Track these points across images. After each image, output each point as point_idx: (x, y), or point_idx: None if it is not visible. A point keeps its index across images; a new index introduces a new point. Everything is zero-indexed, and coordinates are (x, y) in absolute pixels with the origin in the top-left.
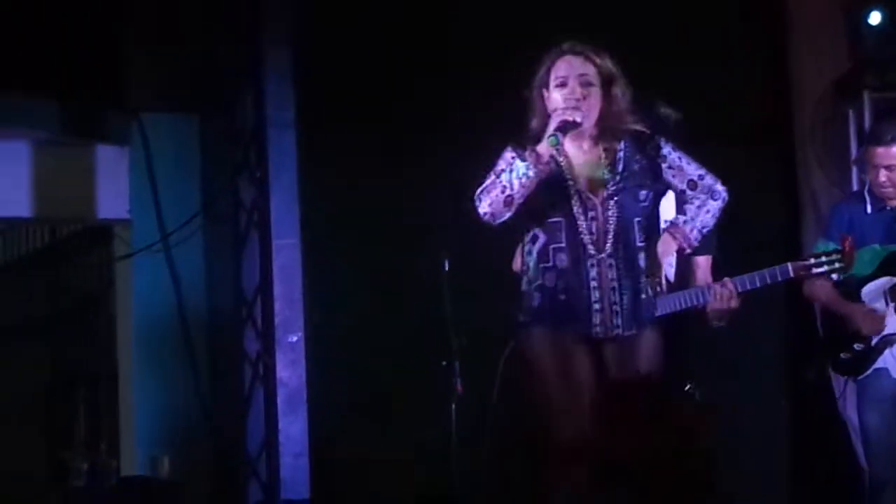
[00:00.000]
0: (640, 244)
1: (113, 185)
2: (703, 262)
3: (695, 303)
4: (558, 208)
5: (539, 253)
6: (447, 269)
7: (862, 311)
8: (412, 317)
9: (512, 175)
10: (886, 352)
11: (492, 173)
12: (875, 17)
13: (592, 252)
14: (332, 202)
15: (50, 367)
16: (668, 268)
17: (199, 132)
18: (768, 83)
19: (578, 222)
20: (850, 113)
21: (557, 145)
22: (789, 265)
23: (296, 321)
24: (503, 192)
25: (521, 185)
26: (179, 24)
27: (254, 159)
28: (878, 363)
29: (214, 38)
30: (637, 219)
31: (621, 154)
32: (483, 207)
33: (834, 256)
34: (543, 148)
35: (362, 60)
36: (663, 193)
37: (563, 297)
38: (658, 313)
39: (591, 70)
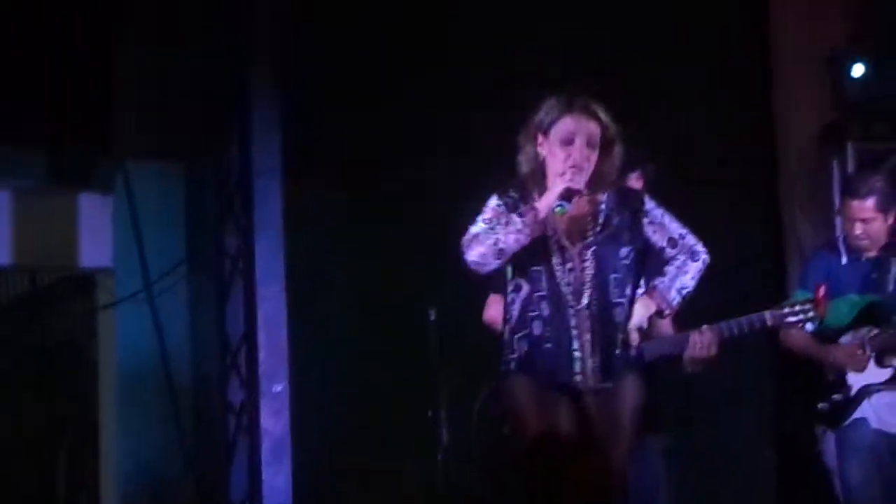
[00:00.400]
0: (616, 300)
1: (96, 234)
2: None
3: (672, 351)
4: (539, 258)
5: (524, 302)
6: (433, 318)
7: (843, 350)
8: (398, 366)
9: (508, 230)
10: (865, 402)
11: (479, 220)
12: (858, 69)
13: (572, 302)
14: (316, 251)
15: (31, 416)
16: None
17: (183, 180)
18: (754, 132)
19: (557, 272)
20: (834, 163)
21: (564, 214)
22: (766, 314)
23: (280, 371)
24: (496, 244)
25: (516, 241)
26: (164, 73)
27: (239, 208)
28: (857, 413)
29: (200, 86)
30: (614, 275)
31: (603, 207)
32: (472, 256)
33: (807, 306)
34: (544, 208)
35: (348, 110)
36: (645, 251)
37: (548, 345)
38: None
39: (597, 131)
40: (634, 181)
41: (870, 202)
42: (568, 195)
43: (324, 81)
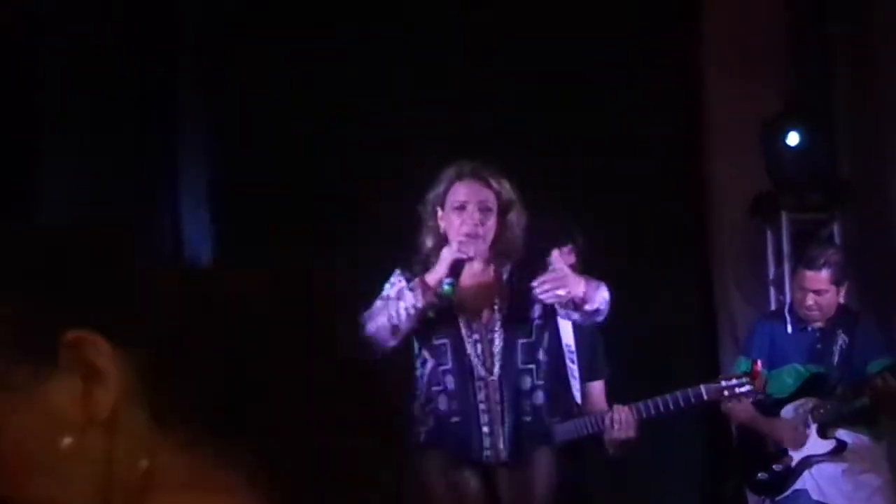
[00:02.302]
0: (524, 366)
1: None
2: (597, 388)
3: (591, 431)
4: (443, 330)
5: (429, 376)
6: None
7: (784, 425)
8: None
9: (399, 305)
10: (806, 473)
11: (379, 298)
12: (793, 138)
13: (482, 374)
14: None
15: None
16: (575, 392)
17: None
18: (684, 199)
19: (465, 344)
20: (768, 232)
21: (452, 294)
22: (702, 388)
23: None
24: (389, 320)
25: (409, 317)
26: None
27: None
28: (798, 485)
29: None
30: (522, 340)
31: (506, 275)
32: (370, 331)
33: (744, 379)
34: (433, 280)
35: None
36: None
37: (454, 419)
38: (557, 439)
39: (490, 197)
40: (566, 255)
41: (825, 274)
42: (457, 267)
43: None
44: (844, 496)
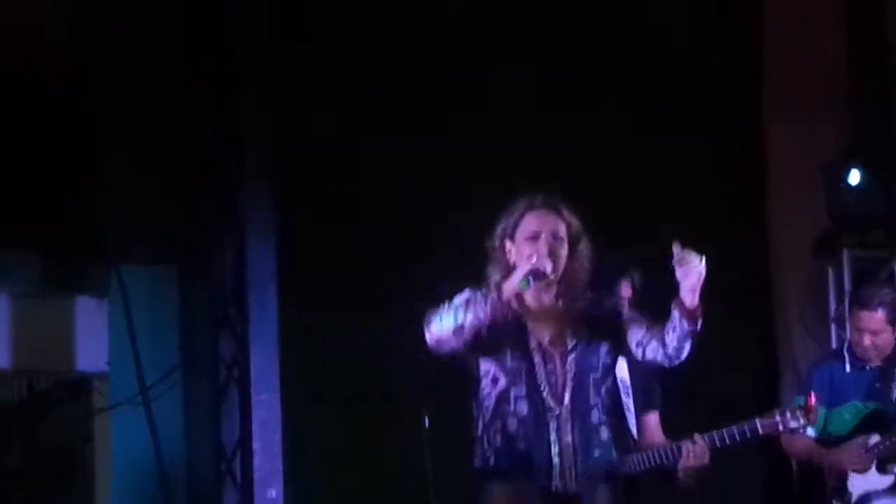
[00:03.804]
0: (594, 401)
1: (92, 337)
2: (652, 420)
3: (662, 461)
4: (519, 356)
5: (499, 396)
6: (427, 425)
7: (847, 452)
8: (392, 472)
9: (468, 306)
10: None
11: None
12: (854, 177)
13: (552, 405)
14: (312, 356)
15: None
16: (628, 413)
17: (178, 284)
18: (748, 240)
19: (538, 373)
20: (830, 270)
21: (527, 288)
22: (757, 421)
23: (275, 476)
24: (455, 320)
25: (475, 317)
26: (159, 177)
27: (234, 314)
28: None
29: (195, 190)
30: (593, 375)
31: (581, 308)
32: (430, 333)
33: (798, 413)
34: (509, 288)
35: (342, 214)
36: (619, 349)
37: (523, 446)
38: (626, 471)
39: (561, 227)
40: (623, 289)
41: (880, 314)
42: (535, 274)
43: (317, 186)
44: None
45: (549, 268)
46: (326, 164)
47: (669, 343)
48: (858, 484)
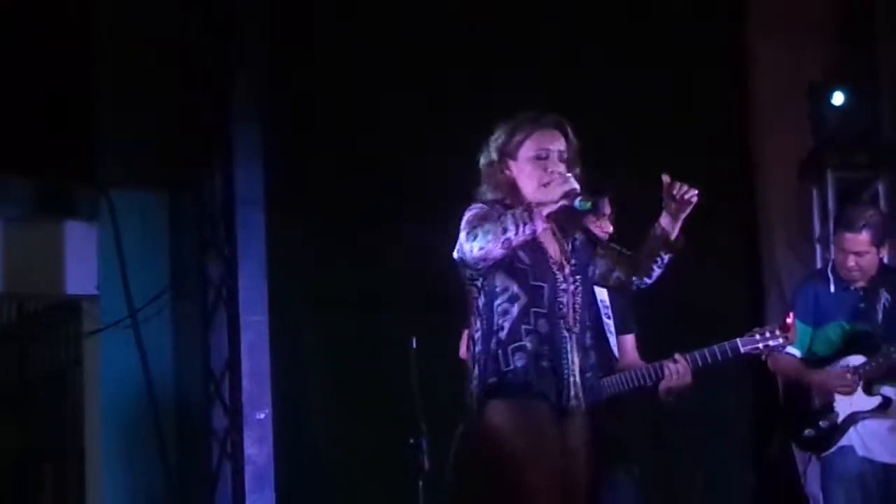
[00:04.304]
0: (588, 322)
1: (81, 261)
2: (630, 341)
3: (644, 382)
4: (540, 274)
5: (520, 314)
6: (415, 347)
7: (833, 374)
8: (380, 394)
9: (519, 221)
10: (852, 429)
11: (470, 222)
12: (838, 98)
13: (571, 324)
14: (300, 279)
15: (17, 444)
16: (610, 335)
17: (167, 209)
18: (732, 160)
19: (559, 291)
20: (814, 191)
21: (590, 209)
22: (738, 340)
23: (263, 398)
24: (504, 232)
25: (524, 234)
26: (149, 102)
27: (222, 237)
28: (844, 441)
29: (184, 115)
30: (588, 297)
31: (573, 230)
32: (476, 246)
33: (777, 331)
34: (554, 206)
35: (330, 139)
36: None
37: (545, 363)
38: (610, 392)
39: (566, 148)
40: (605, 207)
41: (864, 235)
42: (574, 194)
43: (306, 110)
44: (890, 452)
45: (577, 186)
46: (317, 88)
47: (643, 268)
48: (844, 405)
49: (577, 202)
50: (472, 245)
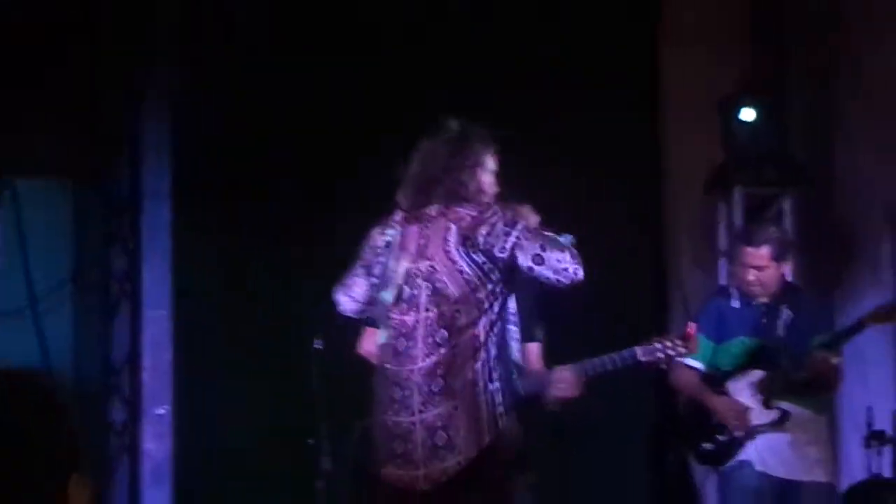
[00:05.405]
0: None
1: None
2: (534, 349)
3: (537, 389)
4: None
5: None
6: (318, 347)
7: (728, 405)
8: (282, 393)
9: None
10: (750, 444)
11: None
12: (748, 114)
13: None
14: (204, 275)
15: None
16: (514, 342)
17: (72, 199)
18: (642, 172)
19: None
20: (721, 207)
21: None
22: (637, 349)
23: (164, 393)
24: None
25: None
26: (54, 89)
27: (127, 229)
28: (742, 455)
29: (92, 105)
30: None
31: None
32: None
33: (678, 341)
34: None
35: (240, 133)
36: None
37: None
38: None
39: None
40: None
41: (764, 250)
42: None
43: (215, 104)
44: (787, 467)
45: None
46: (230, 79)
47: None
48: None
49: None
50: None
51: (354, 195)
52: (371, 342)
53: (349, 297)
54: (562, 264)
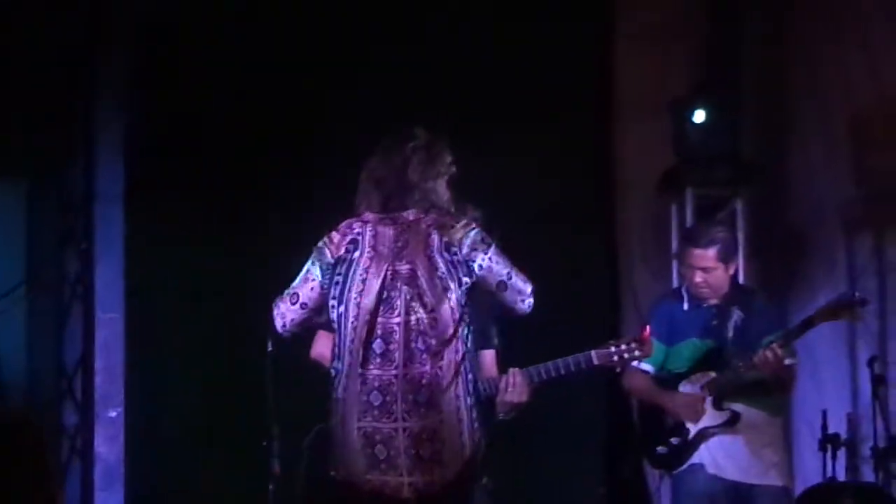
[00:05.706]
0: None
1: None
2: (488, 357)
3: (487, 393)
4: None
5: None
6: (270, 349)
7: (681, 399)
8: (234, 396)
9: None
10: (703, 447)
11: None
12: (699, 116)
13: None
14: (158, 278)
15: None
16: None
17: (25, 199)
18: (592, 173)
19: None
20: (673, 207)
21: None
22: (592, 352)
23: (116, 396)
24: None
25: None
26: (10, 90)
27: (80, 231)
28: (694, 458)
29: (46, 105)
30: None
31: None
32: None
33: (633, 344)
34: None
35: (194, 136)
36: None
37: None
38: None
39: None
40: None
41: (711, 252)
42: None
43: (170, 105)
44: (740, 470)
45: None
46: (182, 85)
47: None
48: None
49: None
50: None
51: (308, 196)
52: (324, 345)
53: (297, 305)
54: (521, 295)
